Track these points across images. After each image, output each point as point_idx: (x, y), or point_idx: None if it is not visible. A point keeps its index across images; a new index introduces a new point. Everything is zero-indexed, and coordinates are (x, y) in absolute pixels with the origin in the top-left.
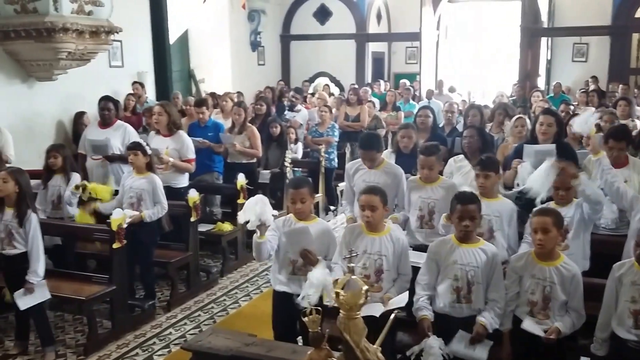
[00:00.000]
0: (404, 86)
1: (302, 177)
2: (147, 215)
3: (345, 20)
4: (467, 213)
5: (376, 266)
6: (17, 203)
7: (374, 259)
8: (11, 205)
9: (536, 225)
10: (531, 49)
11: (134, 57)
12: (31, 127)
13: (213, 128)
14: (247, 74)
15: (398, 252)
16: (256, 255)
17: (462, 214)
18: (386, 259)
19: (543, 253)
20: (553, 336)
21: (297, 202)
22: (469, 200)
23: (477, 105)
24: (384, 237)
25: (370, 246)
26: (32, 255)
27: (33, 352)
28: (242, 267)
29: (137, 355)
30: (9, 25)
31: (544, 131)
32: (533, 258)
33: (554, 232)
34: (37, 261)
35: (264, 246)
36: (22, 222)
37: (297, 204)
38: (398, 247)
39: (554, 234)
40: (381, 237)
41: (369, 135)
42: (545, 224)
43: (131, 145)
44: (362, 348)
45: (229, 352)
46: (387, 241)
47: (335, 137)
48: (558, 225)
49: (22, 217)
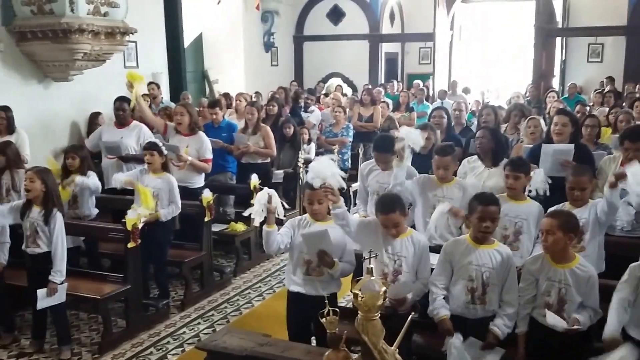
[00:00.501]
0: (417, 87)
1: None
2: (163, 214)
3: (358, 21)
4: (489, 214)
5: (395, 267)
6: (43, 201)
7: (394, 259)
8: (38, 204)
9: (542, 227)
10: (546, 49)
11: (149, 58)
12: (47, 127)
13: (227, 129)
14: (260, 75)
15: (418, 254)
16: (265, 245)
17: (482, 215)
18: (405, 260)
19: (556, 255)
20: (575, 326)
21: (315, 203)
22: (490, 201)
23: (490, 105)
24: (405, 239)
25: (390, 247)
26: (56, 255)
27: (49, 351)
28: (255, 267)
29: (151, 354)
30: (25, 26)
31: (558, 131)
32: (548, 260)
33: (558, 234)
34: (61, 261)
35: (272, 236)
36: (47, 220)
37: (314, 205)
38: (418, 250)
39: (558, 237)
40: (402, 238)
41: (383, 138)
42: (550, 226)
43: (147, 145)
44: (380, 349)
45: (243, 352)
46: (407, 243)
47: (349, 138)
48: (565, 229)
49: (48, 215)
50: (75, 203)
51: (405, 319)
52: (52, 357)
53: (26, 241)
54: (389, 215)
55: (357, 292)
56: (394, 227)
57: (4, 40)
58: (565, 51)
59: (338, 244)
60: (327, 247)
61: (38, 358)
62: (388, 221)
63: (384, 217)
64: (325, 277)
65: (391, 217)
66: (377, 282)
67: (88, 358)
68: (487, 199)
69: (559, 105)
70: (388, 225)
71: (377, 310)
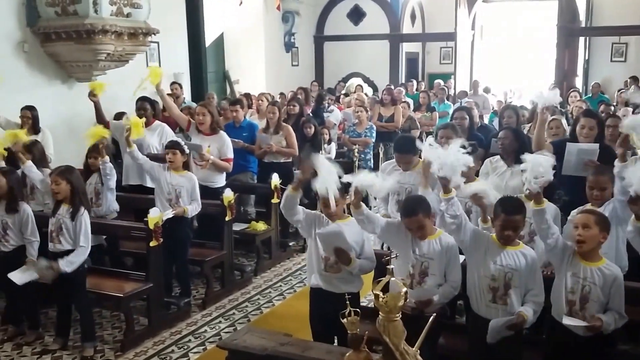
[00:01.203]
0: (438, 86)
1: None
2: (190, 209)
3: (379, 21)
4: (511, 223)
5: (421, 268)
6: (71, 200)
7: (421, 261)
8: (67, 203)
9: (577, 221)
10: (568, 48)
11: (171, 59)
12: (71, 127)
13: (248, 128)
14: (280, 75)
15: (446, 256)
16: (285, 208)
17: (505, 224)
18: (432, 262)
19: (584, 252)
20: (598, 324)
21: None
22: (514, 210)
23: (512, 105)
24: (433, 241)
25: (418, 248)
26: (77, 250)
27: (71, 348)
28: (276, 266)
29: (173, 352)
30: (50, 27)
31: (585, 134)
32: (575, 255)
33: (594, 230)
34: (78, 255)
35: (296, 199)
36: (74, 217)
37: (329, 208)
38: (446, 252)
39: (594, 232)
40: (430, 240)
41: (405, 139)
42: (587, 220)
43: (169, 144)
44: (401, 350)
45: (264, 351)
46: (435, 244)
47: (372, 139)
48: (601, 226)
49: (75, 212)
50: (98, 201)
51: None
52: (75, 354)
53: (50, 239)
54: (411, 218)
55: (378, 293)
56: (419, 230)
57: (28, 41)
58: (589, 50)
59: (356, 241)
60: (343, 245)
61: (61, 355)
62: (412, 224)
63: (408, 220)
64: (343, 274)
65: (414, 220)
66: (398, 282)
67: (110, 355)
68: (511, 208)
69: (582, 105)
70: (412, 227)
71: (398, 311)
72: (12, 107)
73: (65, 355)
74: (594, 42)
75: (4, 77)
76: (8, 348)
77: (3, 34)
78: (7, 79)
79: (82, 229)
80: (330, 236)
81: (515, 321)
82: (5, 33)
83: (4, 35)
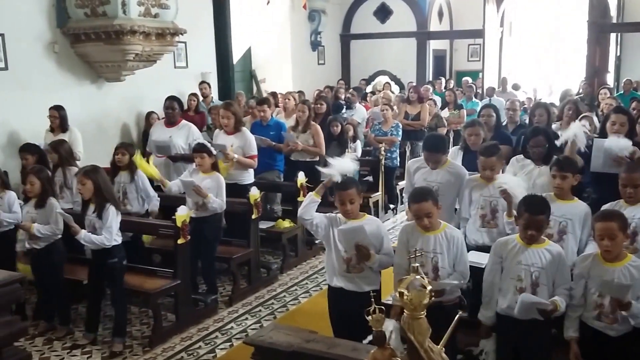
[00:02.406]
0: (466, 84)
1: (349, 178)
2: (211, 200)
3: (406, 19)
4: (535, 223)
5: (432, 264)
6: (97, 198)
7: (430, 257)
8: (94, 202)
9: (601, 232)
10: (599, 45)
11: (198, 58)
12: (100, 126)
13: (275, 127)
14: (307, 74)
15: (453, 249)
16: (303, 210)
17: (528, 223)
18: (441, 256)
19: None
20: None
21: (346, 204)
22: (538, 210)
23: (543, 103)
24: (439, 235)
25: (425, 244)
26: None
27: (100, 343)
28: (302, 264)
29: (200, 349)
30: (79, 28)
31: (617, 130)
32: (599, 259)
33: (620, 237)
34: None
35: (314, 205)
36: (101, 214)
37: (346, 205)
38: (453, 245)
39: (620, 239)
40: (436, 235)
41: (434, 137)
42: (611, 229)
43: (197, 148)
44: (426, 348)
45: (290, 348)
46: (441, 239)
47: (398, 137)
48: (624, 228)
49: (101, 210)
50: (125, 199)
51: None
52: (104, 350)
53: None
54: (421, 203)
55: (402, 291)
56: (427, 217)
57: (58, 42)
58: (620, 47)
59: (375, 237)
60: (364, 241)
61: (91, 350)
62: (420, 210)
63: (417, 206)
64: (365, 272)
65: (424, 206)
66: (422, 280)
67: (139, 351)
68: (535, 207)
69: (613, 102)
70: (420, 215)
71: (423, 309)
72: (43, 107)
73: (94, 350)
74: (626, 38)
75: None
76: (39, 342)
77: (34, 36)
78: (38, 79)
79: (110, 220)
80: (352, 232)
81: (548, 308)
82: (36, 34)
83: (35, 37)
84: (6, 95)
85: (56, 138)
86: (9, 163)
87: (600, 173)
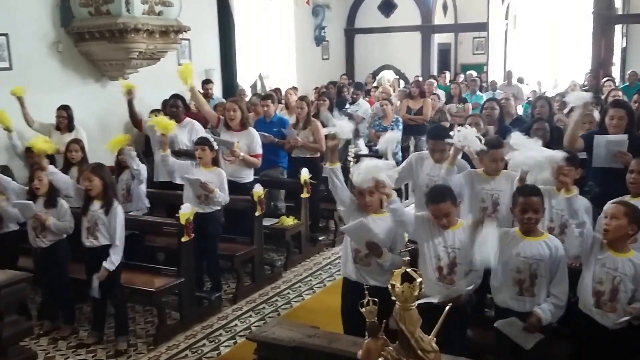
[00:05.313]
0: (470, 78)
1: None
2: (217, 194)
3: (410, 12)
4: (530, 205)
5: (450, 259)
6: (103, 195)
7: (448, 252)
8: (99, 199)
9: (607, 211)
10: (605, 36)
11: (202, 55)
12: (104, 125)
13: (278, 123)
14: (311, 69)
15: (471, 244)
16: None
17: (524, 207)
18: (459, 252)
19: (614, 243)
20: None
21: (366, 195)
22: (531, 192)
23: (544, 96)
24: (457, 231)
25: (443, 240)
26: (115, 246)
27: (105, 342)
28: (306, 261)
29: (204, 346)
30: (83, 27)
31: (615, 125)
32: (605, 247)
33: (622, 221)
34: (117, 253)
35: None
36: (108, 212)
37: (365, 197)
38: (471, 240)
39: (621, 223)
40: (454, 230)
41: (438, 126)
42: (617, 211)
43: (199, 141)
44: (416, 338)
45: (292, 343)
46: (460, 234)
47: (399, 131)
48: (631, 217)
49: (109, 207)
50: (129, 197)
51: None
52: (109, 349)
53: (85, 234)
54: (439, 204)
55: (394, 283)
56: (445, 217)
57: (63, 41)
58: (626, 38)
59: (387, 234)
60: (372, 238)
61: (96, 349)
62: (439, 211)
63: (435, 207)
64: (373, 267)
65: (442, 207)
66: (413, 273)
67: (143, 349)
68: (528, 190)
69: (618, 93)
70: (439, 215)
71: (413, 301)
72: (48, 106)
73: (99, 350)
74: (632, 30)
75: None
76: (44, 342)
77: (38, 35)
78: (42, 79)
79: (117, 223)
80: (356, 231)
81: (529, 321)
82: (40, 34)
83: (39, 36)
84: (11, 95)
85: (63, 137)
86: (14, 162)
87: (602, 167)
